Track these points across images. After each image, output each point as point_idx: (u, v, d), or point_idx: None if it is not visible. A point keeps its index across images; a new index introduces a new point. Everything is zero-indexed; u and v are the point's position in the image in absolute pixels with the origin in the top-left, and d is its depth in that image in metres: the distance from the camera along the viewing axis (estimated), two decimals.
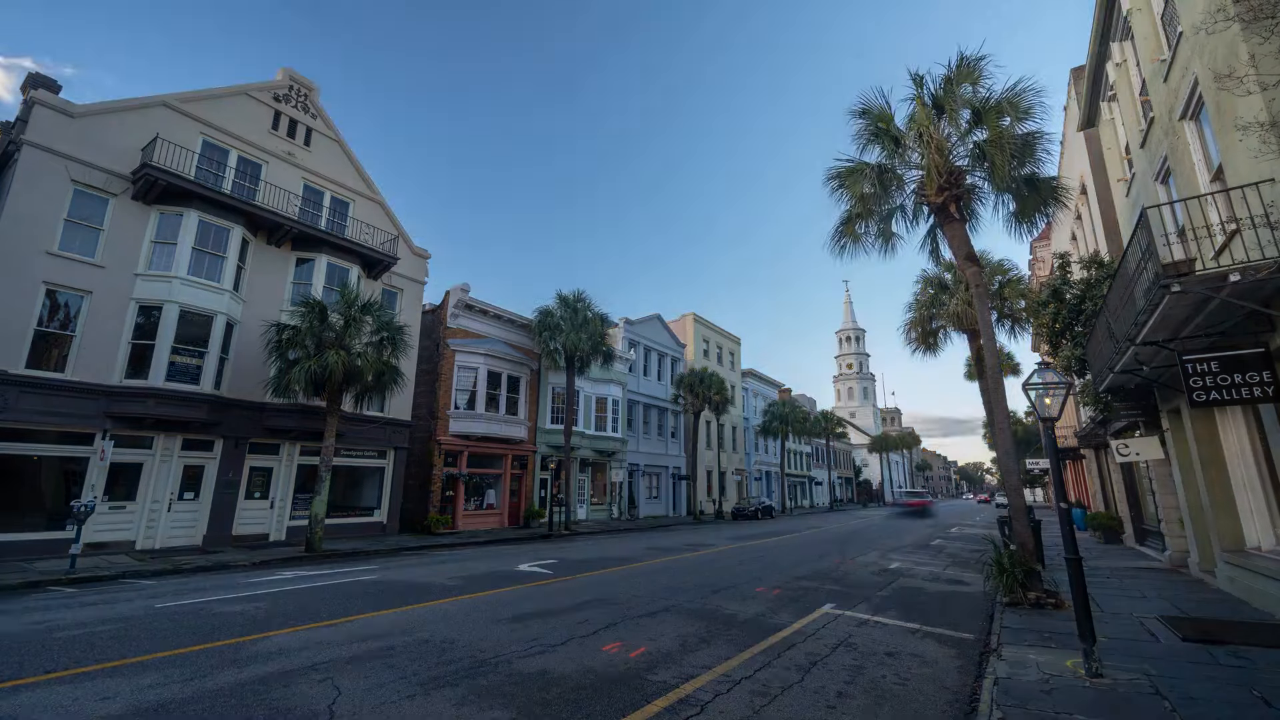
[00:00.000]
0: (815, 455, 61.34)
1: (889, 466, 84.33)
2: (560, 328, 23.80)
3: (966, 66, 10.12)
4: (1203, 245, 7.49)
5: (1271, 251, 5.94)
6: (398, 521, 20.33)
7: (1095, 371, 11.78)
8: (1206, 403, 6.94)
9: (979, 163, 10.22)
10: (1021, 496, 9.67)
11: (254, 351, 16.54)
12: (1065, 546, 5.65)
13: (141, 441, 14.76)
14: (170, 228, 15.52)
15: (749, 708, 4.67)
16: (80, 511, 11.20)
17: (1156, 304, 6.71)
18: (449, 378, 22.91)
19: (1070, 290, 14.03)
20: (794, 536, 21.54)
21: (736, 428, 45.04)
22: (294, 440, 17.67)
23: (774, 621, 7.67)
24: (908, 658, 6.14)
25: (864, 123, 10.97)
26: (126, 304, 14.71)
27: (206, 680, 5.14)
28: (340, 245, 19.11)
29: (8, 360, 12.84)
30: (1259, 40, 6.15)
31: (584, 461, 28.81)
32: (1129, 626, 7.17)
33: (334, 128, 20.47)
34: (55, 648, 6.13)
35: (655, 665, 5.70)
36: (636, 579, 11.04)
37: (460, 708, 4.58)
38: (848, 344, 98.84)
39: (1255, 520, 8.41)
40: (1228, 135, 6.91)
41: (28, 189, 13.54)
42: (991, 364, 10.27)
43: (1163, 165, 9.89)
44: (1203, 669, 5.45)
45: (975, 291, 10.34)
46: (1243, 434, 8.48)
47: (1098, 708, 4.55)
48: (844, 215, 11.52)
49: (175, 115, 16.34)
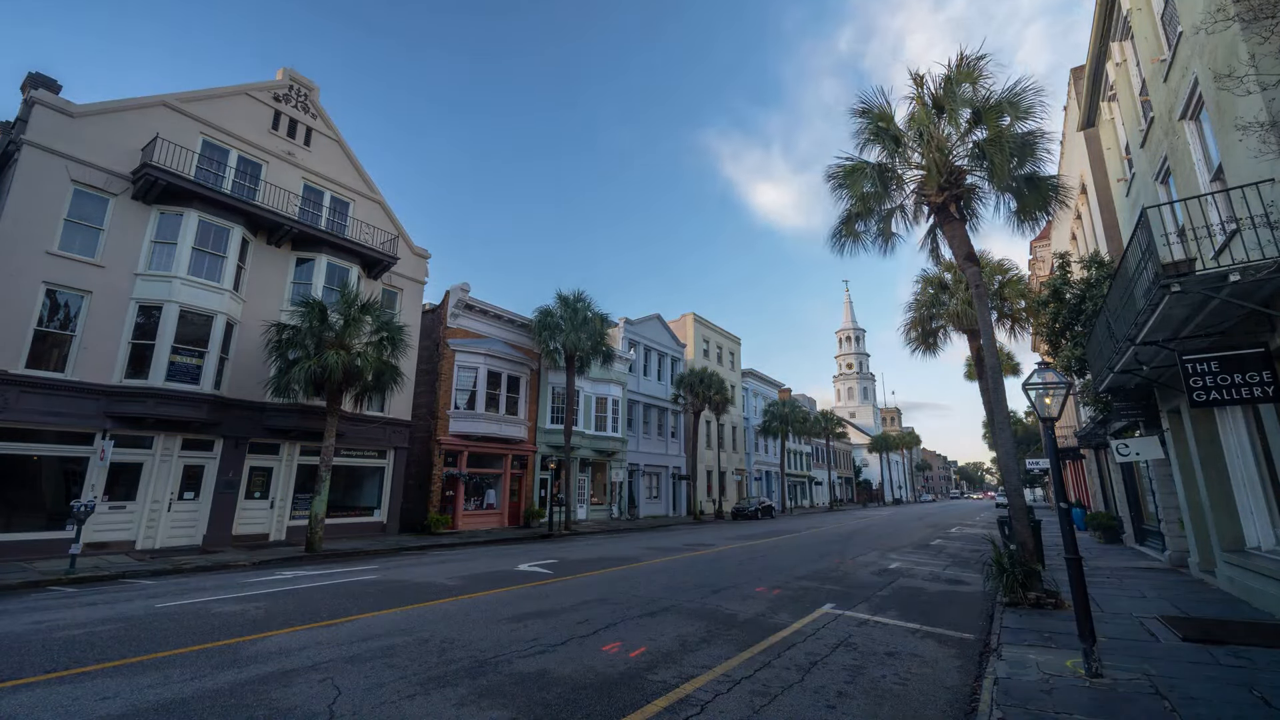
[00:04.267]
0: (815, 455, 61.35)
1: (889, 466, 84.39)
2: (560, 327, 23.79)
3: (966, 66, 10.12)
4: (1203, 245, 7.50)
5: (1271, 251, 5.94)
6: (398, 521, 20.33)
7: (1095, 371, 11.79)
8: (1206, 403, 6.94)
9: (979, 162, 10.21)
10: (1021, 496, 9.67)
11: (254, 351, 16.55)
12: (1065, 546, 5.65)
13: (141, 441, 14.76)
14: (170, 227, 15.52)
15: (749, 708, 4.67)
16: (80, 511, 11.20)
17: (1156, 304, 6.71)
18: (449, 377, 22.91)
19: (1070, 290, 14.04)
20: (794, 536, 21.54)
21: (736, 428, 45.04)
22: (294, 440, 17.67)
23: (774, 621, 7.67)
24: (908, 658, 6.14)
25: (864, 122, 10.96)
26: (126, 304, 14.71)
27: (207, 680, 5.14)
28: (340, 245, 19.11)
29: (8, 360, 12.84)
30: (1259, 40, 6.15)
31: (584, 461, 28.81)
32: (1129, 626, 7.17)
33: (334, 127, 20.47)
34: (55, 647, 6.13)
35: (655, 665, 5.70)
36: (636, 579, 11.04)
37: (460, 708, 4.58)
38: (848, 344, 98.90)
39: (1255, 520, 8.41)
40: (1228, 135, 6.91)
41: (28, 189, 13.54)
42: (991, 364, 10.27)
43: (1163, 165, 9.89)
44: (1203, 669, 5.45)
45: (975, 291, 10.34)
46: (1243, 434, 8.48)
47: (1098, 708, 4.55)
48: (844, 214, 11.53)
49: (175, 115, 16.34)
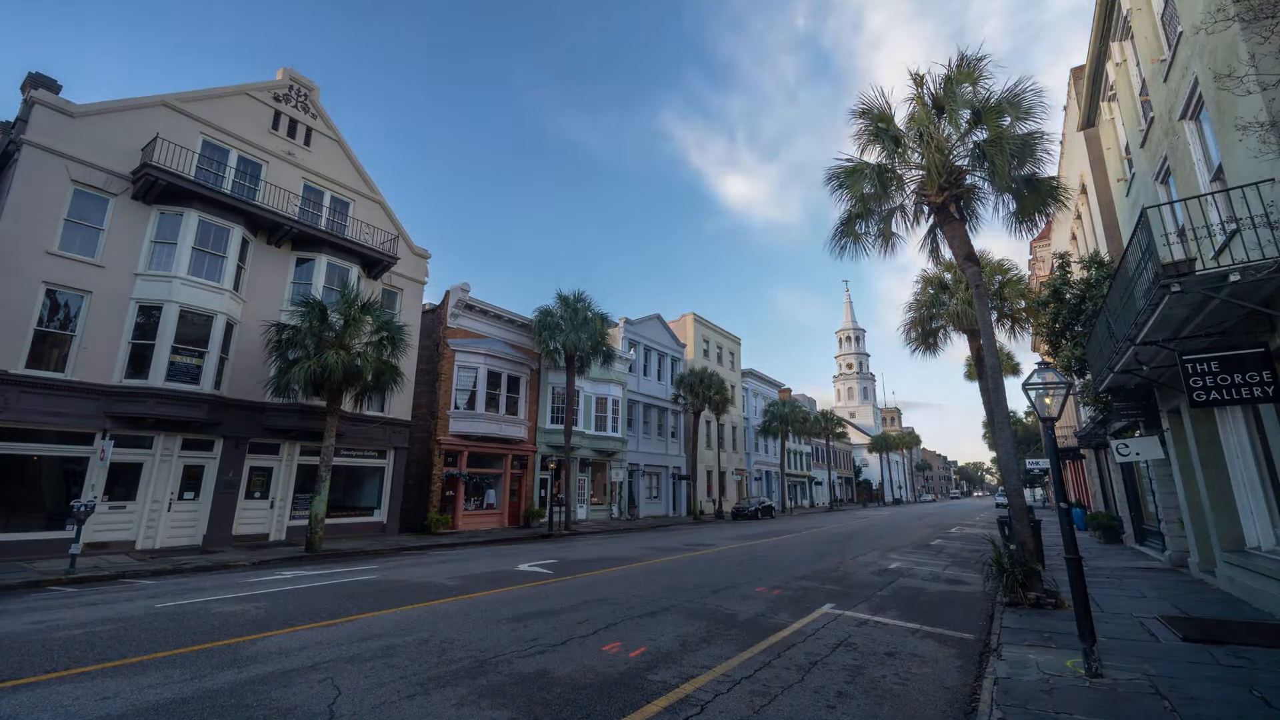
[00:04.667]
0: (815, 455, 61.35)
1: (889, 466, 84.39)
2: (560, 327, 23.79)
3: (966, 66, 10.11)
4: (1203, 245, 7.50)
5: (1271, 251, 5.95)
6: (398, 521, 20.33)
7: (1095, 371, 11.79)
8: (1206, 403, 6.95)
9: (979, 163, 10.20)
10: (1021, 496, 9.67)
11: (254, 351, 16.55)
12: (1065, 546, 5.65)
13: (141, 441, 14.76)
14: (170, 227, 15.52)
15: (749, 708, 4.67)
16: (80, 511, 11.19)
17: (1156, 304, 6.71)
18: (449, 377, 22.91)
19: (1070, 290, 14.05)
20: (794, 536, 21.53)
21: (736, 428, 45.04)
22: (294, 440, 17.67)
23: (774, 621, 7.67)
24: (908, 657, 6.14)
25: (864, 123, 10.95)
26: (126, 304, 14.71)
27: (207, 680, 5.14)
28: (340, 245, 19.11)
29: (8, 360, 12.84)
30: (1259, 40, 6.15)
31: (584, 461, 28.81)
32: (1129, 626, 7.17)
33: (334, 127, 20.47)
34: (55, 647, 6.13)
35: (655, 665, 5.70)
36: (636, 579, 11.05)
37: (460, 708, 4.58)
38: (847, 344, 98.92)
39: (1255, 520, 8.41)
40: (1228, 135, 6.91)
41: (28, 189, 13.53)
42: (991, 364, 10.27)
43: (1163, 165, 9.89)
44: (1203, 669, 5.45)
45: (975, 291, 10.33)
46: (1243, 434, 8.48)
47: (1098, 708, 4.55)
48: (844, 215, 11.51)
49: (175, 115, 16.34)
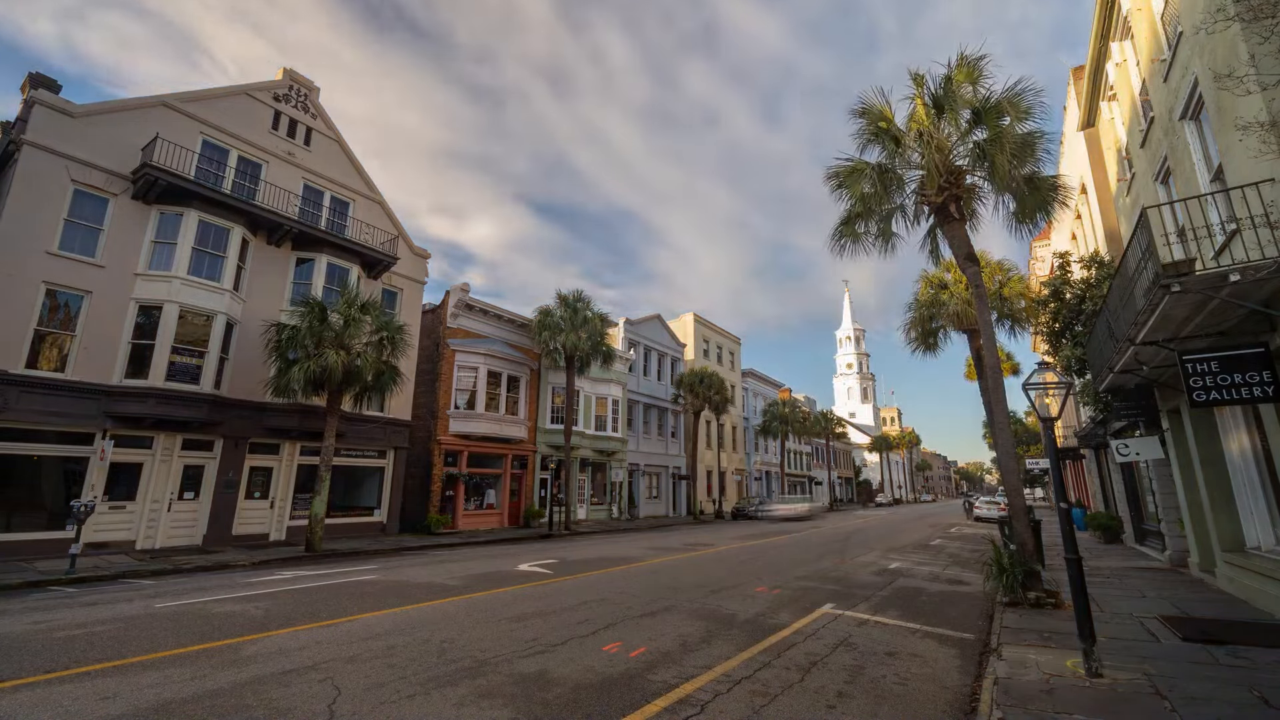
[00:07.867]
0: (815, 455, 61.33)
1: (889, 466, 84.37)
2: (560, 327, 23.77)
3: (966, 66, 10.10)
4: (1203, 245, 7.50)
5: (1271, 251, 5.94)
6: (398, 521, 20.33)
7: (1095, 371, 11.79)
8: (1206, 403, 6.94)
9: (979, 162, 10.20)
10: (1021, 496, 9.67)
11: (254, 351, 16.54)
12: (1065, 546, 5.65)
13: (141, 441, 14.76)
14: (170, 227, 15.51)
15: (749, 708, 4.67)
16: (80, 511, 11.19)
17: (1156, 304, 6.71)
18: (449, 377, 22.90)
19: (1070, 290, 14.04)
20: (794, 536, 21.54)
21: (736, 427, 45.03)
22: (294, 440, 17.67)
23: (774, 621, 7.67)
24: (908, 658, 6.14)
25: (864, 122, 10.93)
26: (126, 304, 14.70)
27: (207, 680, 5.14)
28: (340, 245, 19.11)
29: (8, 360, 12.83)
30: (1259, 40, 6.15)
31: (584, 461, 28.81)
32: (1129, 626, 7.17)
33: (334, 127, 20.46)
34: (55, 647, 6.13)
35: (655, 665, 5.70)
36: (636, 578, 11.05)
37: (460, 707, 4.58)
38: (847, 344, 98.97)
39: (1255, 520, 8.42)
40: (1228, 135, 6.91)
41: (28, 189, 13.53)
42: (991, 364, 10.27)
43: (1163, 165, 9.89)
44: (1203, 669, 5.45)
45: (975, 291, 10.33)
46: (1243, 434, 8.49)
47: (1098, 708, 4.54)
48: (844, 214, 11.49)
49: (175, 115, 16.33)
